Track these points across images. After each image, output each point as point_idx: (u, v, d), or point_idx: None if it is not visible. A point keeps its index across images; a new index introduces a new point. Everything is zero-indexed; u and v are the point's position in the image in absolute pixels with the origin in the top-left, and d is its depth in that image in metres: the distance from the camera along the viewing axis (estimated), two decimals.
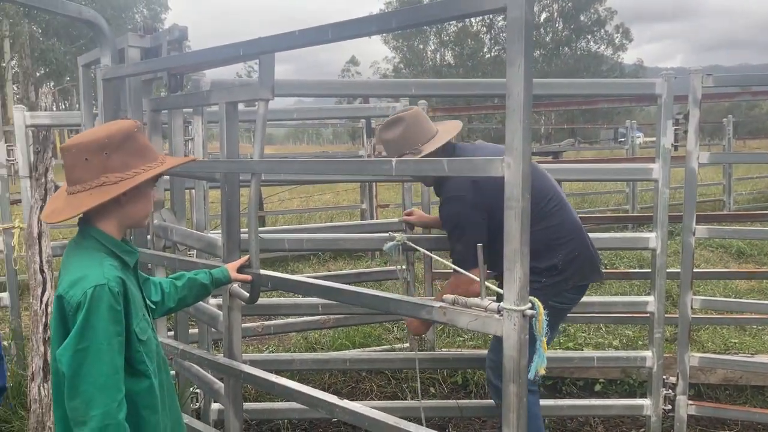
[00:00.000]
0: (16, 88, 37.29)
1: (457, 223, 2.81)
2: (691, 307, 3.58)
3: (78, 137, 1.81)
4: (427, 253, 2.60)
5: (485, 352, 4.54)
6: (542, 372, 1.68)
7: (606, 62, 55.05)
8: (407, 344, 4.87)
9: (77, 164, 1.76)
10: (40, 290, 3.46)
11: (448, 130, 3.00)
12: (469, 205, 2.75)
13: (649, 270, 3.57)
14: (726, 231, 4.23)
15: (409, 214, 3.75)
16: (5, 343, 4.44)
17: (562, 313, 3.01)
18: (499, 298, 1.58)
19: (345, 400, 2.05)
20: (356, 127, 12.35)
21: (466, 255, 2.68)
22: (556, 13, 55.67)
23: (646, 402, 3.60)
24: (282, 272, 2.60)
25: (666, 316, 3.69)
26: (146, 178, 1.78)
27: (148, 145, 1.86)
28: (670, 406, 3.58)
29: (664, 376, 3.60)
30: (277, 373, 2.53)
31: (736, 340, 5.06)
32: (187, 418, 2.96)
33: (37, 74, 40.19)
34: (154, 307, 2.12)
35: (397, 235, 3.06)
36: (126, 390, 1.72)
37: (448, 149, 2.94)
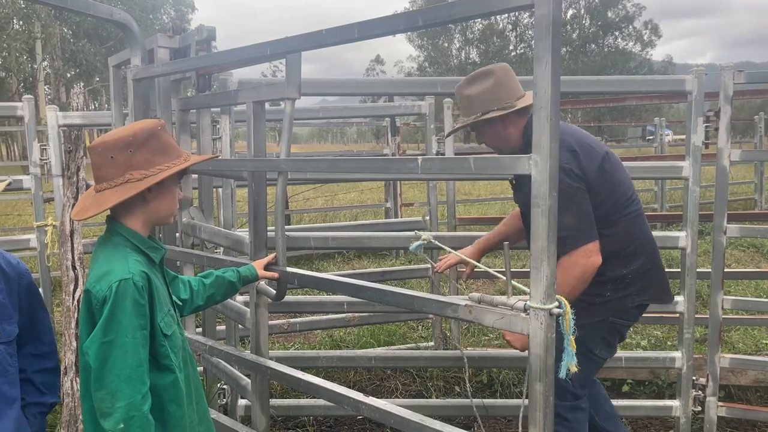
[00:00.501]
0: (47, 89, 38.09)
1: (563, 196, 2.37)
2: (722, 308, 3.52)
3: (104, 137, 1.86)
4: (453, 252, 2.55)
5: (510, 351, 4.52)
6: (573, 369, 1.66)
7: (634, 59, 54.30)
8: (432, 343, 4.87)
9: (103, 163, 1.81)
10: (72, 286, 3.54)
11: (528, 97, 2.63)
12: (575, 177, 2.42)
13: (679, 269, 3.52)
14: (758, 230, 4.14)
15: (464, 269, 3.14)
16: None
17: (621, 329, 2.76)
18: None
19: (371, 398, 2.06)
20: (380, 126, 12.37)
21: (579, 227, 2.37)
22: (582, 10, 55.04)
23: (675, 403, 3.54)
24: (307, 270, 2.61)
25: (696, 316, 3.63)
26: (169, 174, 1.82)
27: (171, 143, 1.89)
28: (699, 408, 3.52)
29: (694, 377, 3.54)
30: (303, 370, 2.55)
31: (767, 341, 4.97)
32: (214, 414, 3.00)
33: (68, 75, 40.97)
34: (181, 303, 2.16)
35: (423, 234, 3.00)
36: (151, 384, 1.76)
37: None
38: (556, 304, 1.46)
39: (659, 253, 2.82)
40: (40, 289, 4.66)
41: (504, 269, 1.69)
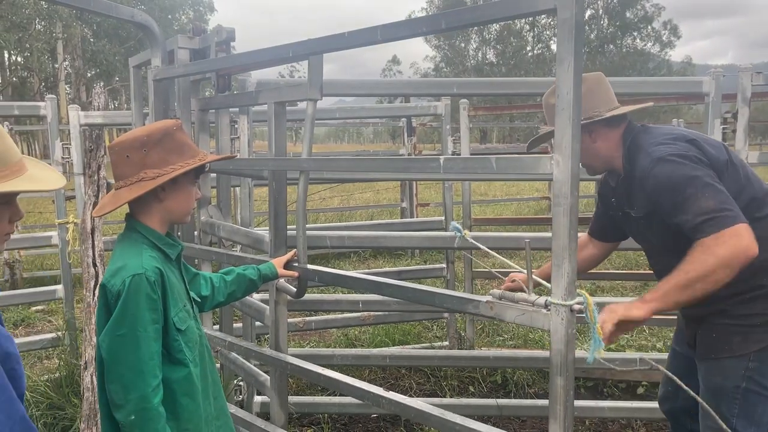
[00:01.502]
0: (68, 89, 38.57)
1: (689, 182, 2.04)
2: None
3: (121, 137, 1.92)
4: (489, 251, 2.50)
5: (525, 352, 4.53)
6: (602, 355, 1.63)
7: (653, 60, 53.82)
8: (446, 342, 4.90)
9: (120, 162, 1.87)
10: (92, 283, 3.59)
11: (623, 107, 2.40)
12: (699, 162, 2.09)
13: None
14: None
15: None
16: (59, 333, 4.62)
17: None
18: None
19: (390, 392, 2.09)
20: (396, 127, 12.39)
21: (722, 207, 1.96)
22: (601, 10, 54.67)
23: None
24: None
25: None
26: (180, 173, 1.85)
27: (187, 143, 1.93)
28: None
29: None
30: None
31: None
32: (232, 409, 3.04)
33: (88, 75, 41.46)
34: (200, 300, 2.20)
35: (464, 231, 2.98)
36: (164, 377, 1.81)
37: (632, 128, 2.33)
38: (578, 300, 1.48)
39: None
40: (61, 286, 4.76)
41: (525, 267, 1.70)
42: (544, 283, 1.69)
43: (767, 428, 2.18)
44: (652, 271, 2.48)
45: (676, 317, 2.57)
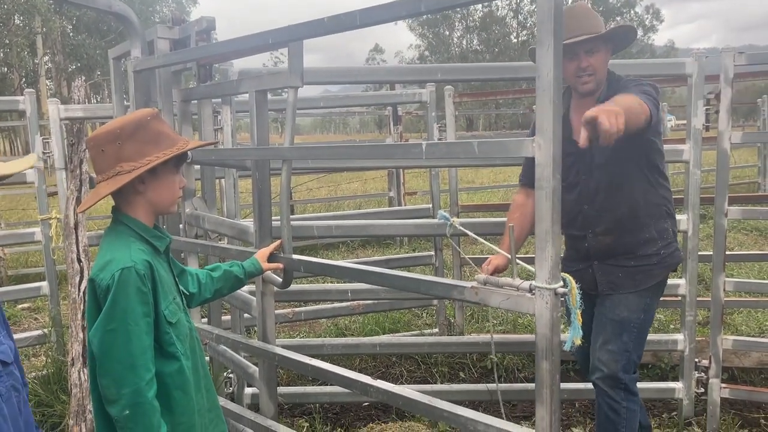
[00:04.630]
0: (49, 84, 38.08)
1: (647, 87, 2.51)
2: (724, 290, 3.53)
3: (97, 130, 1.88)
4: (477, 237, 2.52)
5: (514, 336, 4.55)
6: (578, 343, 1.70)
7: (635, 44, 53.98)
8: (436, 329, 4.91)
9: (96, 156, 1.84)
10: (77, 279, 3.56)
11: None
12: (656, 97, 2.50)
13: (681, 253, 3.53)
14: (760, 212, 4.14)
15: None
16: (45, 330, 4.58)
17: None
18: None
19: (379, 380, 2.09)
20: (383, 116, 12.36)
21: (651, 102, 2.39)
22: None
23: (678, 385, 3.57)
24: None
25: (698, 299, 3.65)
26: (156, 165, 1.81)
27: (162, 132, 1.87)
28: (702, 390, 3.55)
29: (697, 360, 3.57)
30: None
31: None
32: (222, 401, 3.03)
33: (69, 69, 40.95)
34: (188, 293, 2.18)
35: (452, 219, 2.99)
36: (157, 371, 1.79)
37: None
38: (561, 283, 1.48)
39: None
40: (46, 282, 4.71)
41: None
42: (528, 268, 1.69)
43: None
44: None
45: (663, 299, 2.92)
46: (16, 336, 4.86)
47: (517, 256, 1.66)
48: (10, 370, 1.45)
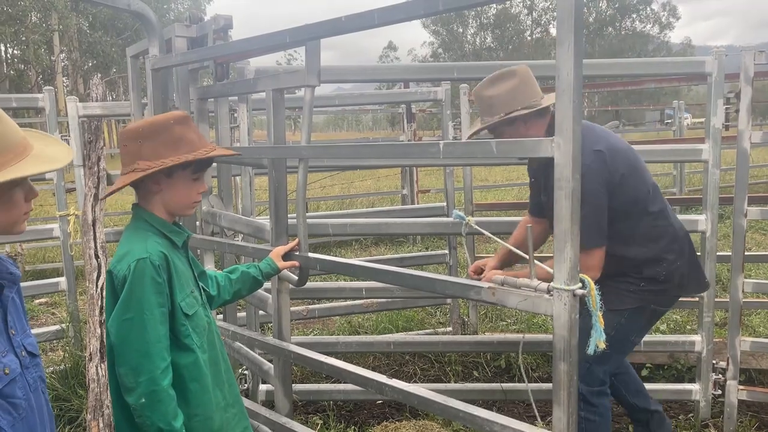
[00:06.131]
0: (65, 81, 38.42)
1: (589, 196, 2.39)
2: (743, 291, 3.50)
3: (127, 126, 1.95)
4: (492, 236, 2.52)
5: (529, 336, 4.53)
6: (602, 346, 1.68)
7: (652, 42, 53.53)
8: (450, 328, 4.90)
9: (121, 150, 1.92)
10: (95, 275, 3.59)
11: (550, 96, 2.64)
12: (596, 180, 2.46)
13: (699, 253, 3.50)
14: None
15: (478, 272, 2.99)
16: (63, 325, 4.62)
17: (660, 315, 2.92)
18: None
19: (394, 379, 2.09)
20: (396, 113, 12.34)
21: (596, 228, 2.45)
22: None
23: (694, 387, 3.54)
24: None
25: (716, 300, 3.61)
26: (169, 167, 1.85)
27: (186, 137, 1.90)
28: (719, 392, 3.52)
29: (714, 361, 3.54)
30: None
31: None
32: None
33: (85, 66, 41.28)
34: (207, 289, 2.20)
35: (467, 218, 2.99)
36: (172, 362, 1.83)
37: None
38: (580, 284, 1.47)
39: (692, 245, 2.83)
40: (64, 278, 4.76)
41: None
42: (546, 268, 1.68)
43: (611, 369, 2.80)
44: None
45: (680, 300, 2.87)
46: (34, 331, 4.92)
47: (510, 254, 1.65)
48: (37, 361, 1.48)
